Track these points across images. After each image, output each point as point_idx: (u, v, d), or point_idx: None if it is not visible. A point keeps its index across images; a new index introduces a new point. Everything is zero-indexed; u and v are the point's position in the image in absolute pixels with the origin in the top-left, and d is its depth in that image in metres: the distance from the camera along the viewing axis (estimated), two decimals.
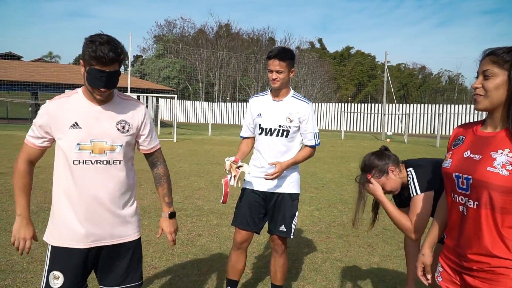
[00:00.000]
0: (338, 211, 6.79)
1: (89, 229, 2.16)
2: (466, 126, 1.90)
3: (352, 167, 12.21)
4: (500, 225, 1.64)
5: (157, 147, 2.42)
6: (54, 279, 2.15)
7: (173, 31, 55.82)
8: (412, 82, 64.35)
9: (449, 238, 1.85)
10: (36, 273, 3.89)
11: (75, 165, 2.12)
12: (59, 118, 2.13)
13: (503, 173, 1.61)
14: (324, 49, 68.93)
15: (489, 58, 1.70)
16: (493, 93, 1.68)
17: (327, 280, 4.00)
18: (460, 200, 1.75)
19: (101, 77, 2.01)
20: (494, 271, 1.65)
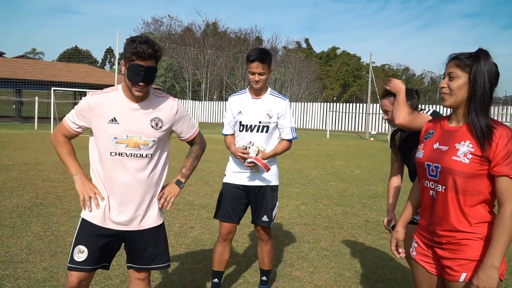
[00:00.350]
0: (323, 205, 7.06)
1: (120, 214, 2.37)
2: (434, 121, 2.20)
3: (336, 165, 12.52)
4: (463, 204, 1.93)
5: (194, 134, 2.62)
6: (79, 253, 2.35)
7: (160, 29, 55.62)
8: None
9: (422, 218, 2.13)
10: (35, 263, 4.05)
11: (112, 156, 2.33)
12: (99, 112, 2.33)
13: (465, 161, 1.90)
14: (311, 49, 69.45)
15: (453, 62, 1.98)
16: (457, 92, 1.96)
17: (313, 267, 4.25)
18: (431, 186, 2.03)
19: (140, 71, 2.19)
20: (459, 242, 1.93)
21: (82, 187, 2.39)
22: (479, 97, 1.91)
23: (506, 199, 1.85)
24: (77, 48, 71.34)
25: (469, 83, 1.94)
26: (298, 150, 16.68)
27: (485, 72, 1.90)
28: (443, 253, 2.00)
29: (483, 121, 1.89)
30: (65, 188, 7.52)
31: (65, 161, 2.46)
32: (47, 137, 18.43)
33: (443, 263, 2.01)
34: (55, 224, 5.31)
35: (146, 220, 2.45)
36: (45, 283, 3.63)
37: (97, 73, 35.75)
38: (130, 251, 2.49)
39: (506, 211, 1.83)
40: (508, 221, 1.82)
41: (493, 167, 1.87)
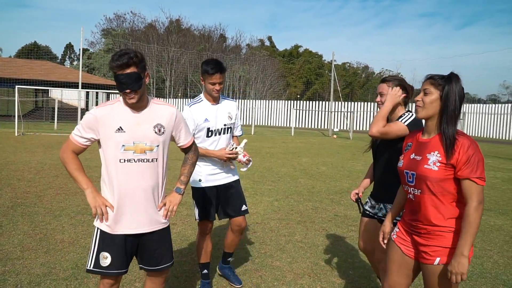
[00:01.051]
0: (295, 201, 7.52)
1: (132, 217, 2.55)
2: (412, 135, 2.63)
3: (303, 162, 13.04)
4: (437, 203, 2.34)
5: (191, 141, 2.83)
6: (103, 259, 2.55)
7: (122, 25, 54.78)
8: (356, 81, 66.94)
9: (405, 215, 2.58)
10: (32, 260, 4.28)
11: (121, 163, 2.51)
12: (106, 123, 2.50)
13: (435, 168, 2.31)
14: (274, 47, 70.16)
15: (429, 81, 2.41)
16: (429, 105, 2.38)
17: (291, 258, 4.68)
18: (409, 190, 2.47)
19: (122, 80, 2.39)
20: (434, 233, 2.35)
21: (94, 200, 2.53)
22: (451, 111, 2.32)
23: (469, 198, 2.22)
24: (36, 43, 69.18)
25: (440, 99, 2.35)
26: (266, 148, 17.14)
27: (456, 91, 2.33)
28: (421, 240, 2.41)
29: (452, 131, 2.31)
30: (42, 188, 7.64)
31: (76, 177, 2.57)
32: (12, 136, 18.09)
33: (419, 249, 2.42)
34: (41, 223, 5.50)
35: (156, 222, 2.64)
36: (46, 277, 3.88)
37: (59, 70, 34.96)
38: (141, 253, 2.67)
39: (470, 208, 2.22)
40: (473, 216, 2.21)
41: (457, 172, 2.26)
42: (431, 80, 2.39)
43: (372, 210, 3.24)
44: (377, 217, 3.20)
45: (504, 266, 4.67)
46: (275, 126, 38.26)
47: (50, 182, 8.24)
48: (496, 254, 5.05)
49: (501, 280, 4.27)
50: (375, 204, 3.22)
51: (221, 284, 3.97)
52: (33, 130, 21.76)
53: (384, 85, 3.13)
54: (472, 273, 4.41)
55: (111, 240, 2.57)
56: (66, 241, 4.88)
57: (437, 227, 2.34)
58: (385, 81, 3.13)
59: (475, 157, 2.24)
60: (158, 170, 2.62)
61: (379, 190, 3.20)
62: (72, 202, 6.68)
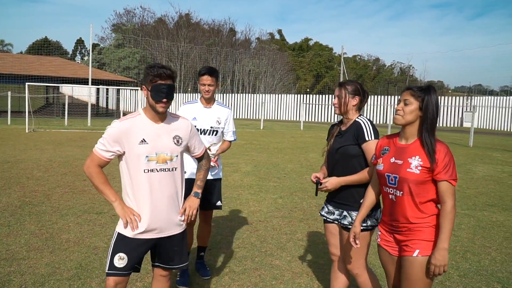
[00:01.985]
0: (299, 198, 7.58)
1: (153, 223, 2.70)
2: (387, 139, 2.76)
3: (311, 157, 13.08)
4: (417, 203, 2.52)
5: (204, 150, 3.04)
6: (119, 260, 2.68)
7: (132, 20, 55.03)
8: (367, 74, 66.52)
9: (384, 216, 2.73)
10: (37, 260, 4.40)
11: (146, 173, 2.65)
12: (130, 136, 2.65)
13: (416, 172, 2.49)
14: (284, 40, 69.95)
15: (408, 92, 2.58)
16: (408, 114, 2.55)
17: (291, 256, 4.75)
18: (391, 191, 2.61)
19: (163, 89, 2.60)
20: (414, 229, 2.54)
21: (123, 212, 2.70)
22: (430, 120, 2.50)
23: (447, 197, 2.45)
24: (47, 39, 69.76)
25: (419, 109, 2.52)
26: (274, 143, 17.20)
27: (434, 102, 2.51)
28: (401, 237, 2.60)
29: (432, 138, 2.49)
30: (50, 186, 7.79)
31: (103, 190, 2.71)
32: (22, 133, 18.38)
33: (401, 244, 2.60)
34: (48, 222, 5.64)
35: (175, 227, 2.82)
36: (50, 277, 4.00)
37: (70, 66, 35.33)
38: (159, 254, 2.84)
39: (448, 207, 2.44)
40: (450, 214, 2.43)
41: (436, 175, 2.46)
42: (411, 91, 2.57)
43: (331, 216, 3.18)
44: (340, 223, 3.12)
45: (501, 263, 4.69)
46: (285, 120, 38.27)
47: (58, 180, 8.40)
48: (494, 251, 5.07)
49: (496, 278, 4.30)
50: (334, 210, 3.15)
51: (220, 283, 4.05)
52: (43, 126, 22.08)
53: (339, 89, 3.17)
54: (468, 270, 4.44)
55: (130, 241, 2.71)
56: (72, 240, 5.00)
57: (417, 224, 2.52)
58: (341, 85, 3.16)
59: (451, 162, 2.46)
60: (178, 178, 2.81)
61: (345, 198, 3.09)
62: (79, 201, 6.82)
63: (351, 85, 3.14)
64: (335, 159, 3.12)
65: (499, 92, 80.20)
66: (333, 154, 3.14)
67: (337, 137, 3.17)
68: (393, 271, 2.72)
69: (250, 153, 13.72)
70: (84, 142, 15.57)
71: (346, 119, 3.15)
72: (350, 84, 3.14)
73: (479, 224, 6.21)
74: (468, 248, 5.15)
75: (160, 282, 2.96)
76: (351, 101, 3.10)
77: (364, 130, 3.00)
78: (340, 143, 3.10)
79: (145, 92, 2.69)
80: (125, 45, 48.01)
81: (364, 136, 2.97)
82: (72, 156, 11.69)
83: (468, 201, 7.68)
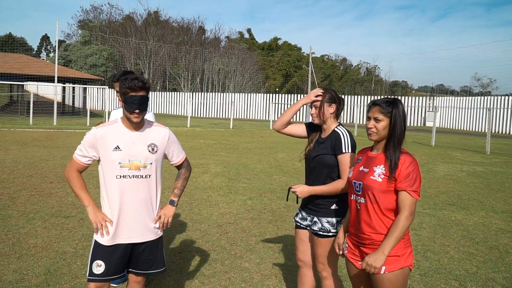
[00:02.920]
0: (268, 199, 7.71)
1: (128, 228, 2.79)
2: (363, 151, 2.86)
3: (280, 158, 13.25)
4: (379, 213, 2.57)
5: (183, 159, 3.09)
6: (97, 267, 2.76)
7: (99, 17, 53.95)
8: (334, 73, 67.51)
9: (351, 227, 2.78)
10: (4, 266, 4.36)
11: (118, 179, 2.74)
12: (105, 142, 2.75)
13: (379, 179, 2.56)
14: (253, 39, 70.08)
15: (377, 108, 2.61)
16: (381, 131, 2.62)
17: (260, 258, 4.87)
18: (356, 198, 2.69)
19: (134, 101, 2.66)
20: (377, 242, 2.57)
21: (95, 217, 2.78)
22: (397, 136, 2.58)
23: (403, 207, 2.49)
24: (11, 35, 67.51)
25: (389, 125, 2.60)
26: (243, 143, 17.31)
27: (401, 116, 2.58)
28: (367, 251, 2.63)
29: (397, 154, 2.55)
30: (16, 189, 7.64)
31: (79, 194, 2.82)
32: None
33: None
34: (14, 227, 5.55)
35: (148, 233, 2.87)
36: (18, 284, 3.97)
37: (35, 63, 34.30)
38: (132, 259, 2.90)
39: (402, 216, 2.48)
40: (401, 223, 2.47)
41: (397, 184, 2.52)
42: (379, 108, 2.61)
43: (304, 222, 3.25)
44: (311, 229, 3.20)
45: (459, 261, 4.95)
46: (254, 119, 38.43)
47: (24, 182, 8.24)
48: (453, 249, 5.34)
49: (454, 275, 4.54)
50: (307, 216, 3.23)
51: (190, 287, 4.12)
52: (7, 125, 21.44)
53: (313, 109, 3.21)
54: (428, 269, 4.67)
55: (105, 249, 2.78)
56: (39, 245, 4.96)
57: (380, 235, 2.56)
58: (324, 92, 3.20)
59: (413, 173, 2.50)
60: (152, 185, 2.86)
61: (315, 204, 3.16)
62: (46, 204, 6.73)
63: (326, 93, 3.18)
64: (311, 167, 3.20)
65: (460, 92, 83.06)
66: (310, 161, 3.22)
67: (316, 144, 3.23)
68: (359, 284, 2.79)
69: (220, 153, 13.78)
70: (50, 142, 15.24)
71: (325, 126, 3.20)
72: (325, 93, 3.18)
73: (439, 223, 6.50)
74: (428, 247, 5.40)
75: (137, 284, 3.01)
76: (328, 109, 3.15)
77: (342, 141, 3.06)
78: (318, 151, 3.16)
79: (120, 102, 2.77)
80: (92, 42, 46.99)
81: (342, 148, 3.04)
82: (38, 157, 11.45)
83: (429, 200, 8.00)
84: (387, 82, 68.23)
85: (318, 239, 3.13)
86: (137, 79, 2.71)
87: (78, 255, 4.71)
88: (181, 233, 5.64)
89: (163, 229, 2.99)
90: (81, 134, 17.36)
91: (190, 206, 6.99)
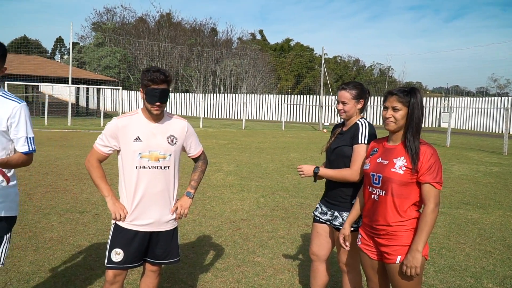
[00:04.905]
0: (280, 197, 7.71)
1: (145, 218, 2.83)
2: (378, 141, 2.83)
3: (292, 157, 13.23)
4: (398, 205, 2.55)
5: (200, 152, 3.14)
6: (116, 254, 2.81)
7: (112, 19, 54.48)
8: (347, 74, 67.15)
9: (365, 217, 2.76)
10: (21, 258, 4.43)
11: (137, 169, 2.79)
12: (126, 132, 2.80)
13: (400, 172, 2.53)
14: (265, 40, 70.16)
15: (395, 97, 2.58)
16: (400, 120, 2.59)
17: (272, 253, 4.87)
18: (374, 191, 2.66)
19: (156, 93, 2.70)
20: (393, 233, 2.56)
21: (114, 207, 2.85)
22: (415, 125, 2.54)
23: (428, 200, 2.47)
24: (26, 37, 68.58)
25: (407, 114, 2.57)
26: (256, 143, 17.31)
27: (419, 104, 2.55)
28: (381, 241, 2.62)
29: (417, 143, 2.53)
30: (32, 186, 7.75)
31: (98, 184, 2.88)
32: None
33: (381, 250, 2.62)
34: (31, 221, 5.63)
35: (165, 224, 2.92)
36: (34, 275, 4.03)
37: (49, 65, 34.76)
38: (149, 248, 2.94)
39: (428, 209, 2.46)
40: (429, 217, 2.45)
41: (419, 176, 2.49)
42: (397, 97, 2.58)
43: (323, 216, 3.24)
44: (331, 224, 3.18)
45: (475, 258, 4.89)
46: (266, 120, 38.44)
47: (40, 180, 8.35)
48: (468, 247, 5.28)
49: (470, 273, 4.48)
50: (327, 210, 3.21)
51: (203, 279, 4.13)
52: None
53: (344, 92, 3.11)
54: (443, 266, 4.63)
55: (123, 237, 2.84)
56: (55, 239, 5.02)
57: (396, 226, 2.54)
58: (344, 88, 3.12)
59: (435, 164, 2.49)
60: (170, 177, 2.90)
61: (334, 198, 3.16)
62: (61, 200, 6.81)
63: (354, 88, 3.10)
64: (331, 159, 3.19)
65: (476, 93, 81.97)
66: (330, 154, 3.21)
67: (337, 137, 3.21)
68: (373, 275, 2.75)
69: (232, 153, 13.81)
70: (65, 141, 15.42)
71: (348, 122, 3.18)
72: (353, 88, 3.10)
73: (455, 221, 6.43)
74: (443, 244, 5.34)
75: (149, 277, 3.05)
76: (356, 106, 3.11)
77: (359, 132, 3.02)
78: (338, 143, 3.15)
79: (141, 94, 2.80)
80: (106, 44, 47.43)
81: (358, 138, 3.01)
82: (53, 156, 11.59)
83: (445, 199, 7.92)
84: (401, 83, 67.67)
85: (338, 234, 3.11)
86: (159, 71, 2.74)
87: (93, 248, 4.76)
88: (194, 228, 5.66)
89: (178, 221, 3.02)
90: (95, 135, 17.55)
91: (203, 203, 7.02)
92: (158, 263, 3.00)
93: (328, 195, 3.23)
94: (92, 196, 7.10)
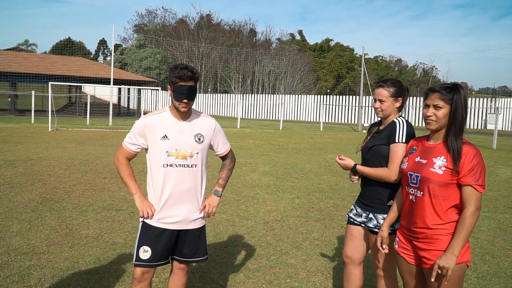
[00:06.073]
0: (316, 198, 7.55)
1: (173, 215, 2.82)
2: (417, 139, 2.69)
3: (329, 158, 13.00)
4: (436, 207, 2.40)
5: (228, 150, 3.10)
6: (144, 252, 2.81)
7: (154, 21, 55.68)
8: (388, 75, 65.66)
9: (403, 219, 2.62)
10: (56, 254, 4.49)
11: (164, 167, 2.78)
12: (153, 130, 2.79)
13: (440, 172, 2.38)
14: (304, 40, 69.74)
15: (437, 95, 2.42)
16: (442, 119, 2.43)
17: (306, 255, 4.74)
18: (411, 191, 2.51)
19: (183, 91, 2.68)
20: (432, 237, 2.41)
21: (141, 205, 2.84)
22: (458, 124, 2.39)
23: (468, 203, 2.31)
24: (70, 39, 71.12)
25: (450, 112, 2.40)
26: (292, 144, 17.16)
27: (462, 102, 2.39)
28: (419, 245, 2.47)
29: (459, 143, 2.37)
30: (71, 184, 7.94)
31: (127, 182, 2.89)
32: (45, 131, 18.77)
33: (419, 254, 2.47)
34: (68, 218, 5.75)
35: (193, 222, 2.90)
36: (69, 271, 4.08)
37: (92, 66, 35.89)
38: (176, 246, 2.93)
39: (467, 212, 2.30)
40: (468, 220, 2.29)
41: (460, 178, 2.33)
42: (439, 94, 2.43)
43: (358, 218, 3.10)
44: (366, 226, 3.05)
45: None
46: (305, 121, 38.14)
47: (79, 178, 8.55)
48: None
49: None
50: (362, 212, 3.08)
51: (235, 280, 4.06)
52: (66, 125, 22.50)
53: (381, 90, 2.99)
54: (486, 273, 4.36)
55: (151, 234, 2.83)
56: (91, 236, 5.09)
57: (435, 230, 2.40)
58: (382, 85, 3.00)
59: (478, 166, 2.32)
60: (197, 175, 2.88)
61: (370, 199, 3.03)
62: (98, 198, 6.93)
63: (393, 86, 2.98)
64: (366, 159, 3.07)
65: None
66: (365, 153, 3.10)
67: (374, 135, 3.10)
68: (410, 281, 2.61)
69: (268, 153, 13.72)
70: (106, 141, 15.81)
71: (385, 120, 3.05)
72: (391, 86, 2.98)
73: (500, 226, 6.08)
74: (487, 250, 5.04)
75: (177, 275, 3.03)
76: (394, 104, 2.99)
77: (397, 130, 2.89)
78: (374, 142, 3.03)
79: (169, 91, 2.78)
80: (147, 45, 48.54)
81: (395, 137, 2.87)
82: (93, 155, 11.88)
83: (490, 203, 7.52)
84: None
85: (373, 237, 2.97)
86: (187, 68, 2.71)
87: (127, 246, 4.79)
88: (227, 228, 5.61)
89: (206, 220, 2.99)
90: None
91: (237, 203, 6.97)
92: (186, 261, 2.97)
93: (363, 197, 3.10)
94: (128, 195, 7.18)
